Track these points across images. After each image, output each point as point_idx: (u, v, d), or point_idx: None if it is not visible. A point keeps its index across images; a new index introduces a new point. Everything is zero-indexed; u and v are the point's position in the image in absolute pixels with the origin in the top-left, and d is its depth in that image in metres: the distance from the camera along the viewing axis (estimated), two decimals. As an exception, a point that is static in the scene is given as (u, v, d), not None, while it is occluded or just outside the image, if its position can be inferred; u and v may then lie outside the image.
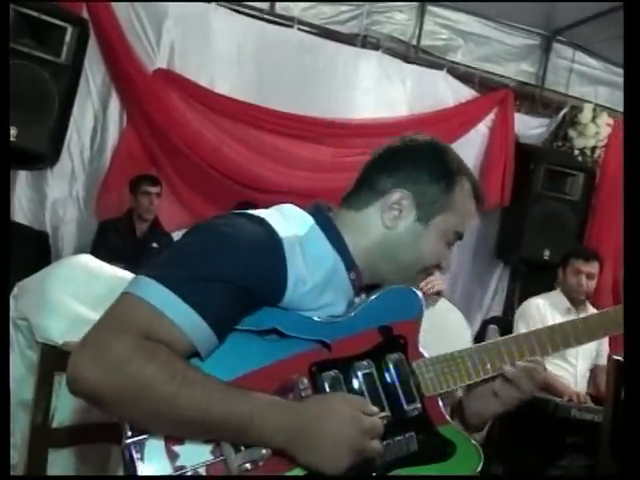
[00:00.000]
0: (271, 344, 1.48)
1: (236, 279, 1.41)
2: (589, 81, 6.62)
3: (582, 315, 4.84)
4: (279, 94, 5.51)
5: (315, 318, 1.54)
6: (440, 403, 1.63)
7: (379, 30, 6.01)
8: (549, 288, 5.08)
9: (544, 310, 4.85)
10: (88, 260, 2.87)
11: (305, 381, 1.47)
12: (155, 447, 1.36)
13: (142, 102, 5.28)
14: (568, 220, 6.08)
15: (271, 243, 1.47)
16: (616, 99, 6.38)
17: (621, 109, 5.94)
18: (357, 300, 1.66)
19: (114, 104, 5.35)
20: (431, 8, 6.12)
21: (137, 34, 5.29)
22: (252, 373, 1.44)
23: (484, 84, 6.25)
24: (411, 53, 6.09)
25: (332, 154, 5.66)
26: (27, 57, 4.58)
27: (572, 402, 4.42)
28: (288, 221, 1.56)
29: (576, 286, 4.82)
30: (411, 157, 1.69)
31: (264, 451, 1.39)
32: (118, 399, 1.31)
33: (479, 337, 4.80)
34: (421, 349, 1.65)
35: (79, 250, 4.94)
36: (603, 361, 4.77)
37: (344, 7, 5.89)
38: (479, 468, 1.60)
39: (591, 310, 5.04)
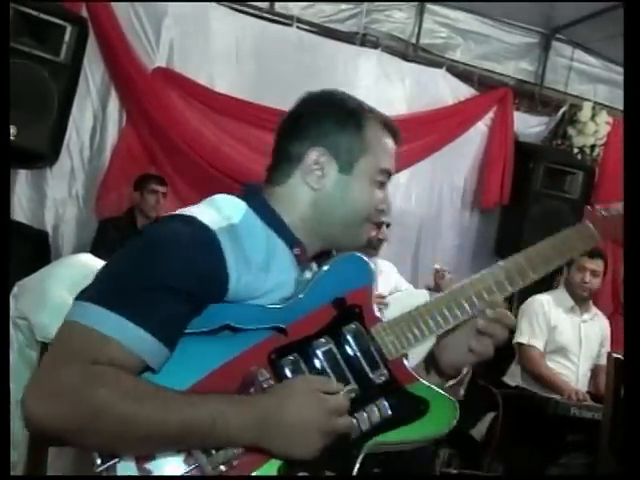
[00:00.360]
0: (226, 341, 1.46)
1: (175, 284, 1.39)
2: (588, 79, 6.62)
3: (585, 315, 4.92)
4: (278, 92, 5.50)
5: (266, 305, 1.52)
6: (406, 363, 1.61)
7: (378, 28, 6.01)
8: (548, 287, 5.09)
9: (548, 307, 4.87)
10: (88, 259, 2.86)
11: (264, 372, 1.46)
12: (127, 469, 1.37)
13: (141, 101, 5.28)
14: (567, 218, 6.06)
15: (204, 239, 1.45)
16: (615, 97, 6.39)
17: (620, 107, 5.94)
18: (307, 274, 1.64)
19: (113, 103, 5.35)
20: (430, 6, 6.12)
21: (136, 33, 5.29)
22: (211, 375, 1.43)
23: (483, 82, 6.26)
24: (410, 51, 6.09)
25: (332, 152, 5.65)
26: (26, 56, 4.58)
27: (572, 400, 4.42)
28: (221, 212, 1.54)
29: (580, 283, 4.83)
30: (313, 113, 1.67)
31: (235, 450, 1.39)
32: (77, 429, 1.31)
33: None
34: (377, 313, 1.62)
35: (79, 249, 4.94)
36: (604, 361, 4.78)
37: (343, 5, 5.89)
38: (455, 419, 1.58)
39: (594, 309, 5.05)
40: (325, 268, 1.60)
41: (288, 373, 1.48)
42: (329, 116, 1.65)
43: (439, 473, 4.44)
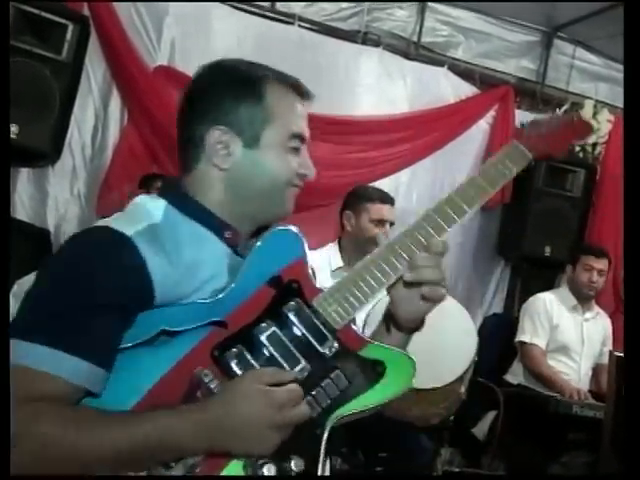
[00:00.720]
0: (165, 348, 1.40)
1: (96, 300, 1.35)
2: (590, 77, 6.62)
3: (588, 313, 4.92)
4: (280, 91, 5.51)
5: (199, 301, 1.46)
6: (355, 328, 1.55)
7: (380, 27, 6.00)
8: (550, 285, 5.10)
9: (550, 306, 4.87)
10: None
11: (208, 372, 1.40)
12: None
13: (143, 99, 5.28)
14: (569, 217, 6.07)
15: (120, 247, 1.39)
16: (617, 95, 6.37)
17: (622, 105, 5.93)
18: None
19: (115, 101, 5.34)
20: (432, 5, 6.12)
21: (138, 31, 5.29)
22: (156, 386, 1.38)
23: (485, 81, 6.25)
24: (412, 50, 6.08)
25: (332, 151, 5.65)
26: (28, 55, 4.58)
27: (573, 399, 4.43)
28: (139, 214, 1.49)
29: (587, 282, 4.84)
30: (207, 91, 1.59)
31: (195, 458, 1.36)
32: (31, 469, 1.28)
33: (480, 334, 4.80)
34: (317, 284, 1.55)
35: (80, 247, 4.95)
36: (606, 360, 4.78)
37: (345, 4, 5.88)
38: (414, 371, 1.52)
39: (596, 308, 5.05)
40: (255, 249, 1.53)
41: (234, 367, 1.43)
42: (225, 91, 1.57)
43: (441, 472, 4.44)
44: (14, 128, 4.44)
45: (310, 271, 1.57)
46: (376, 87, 5.85)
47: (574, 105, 6.26)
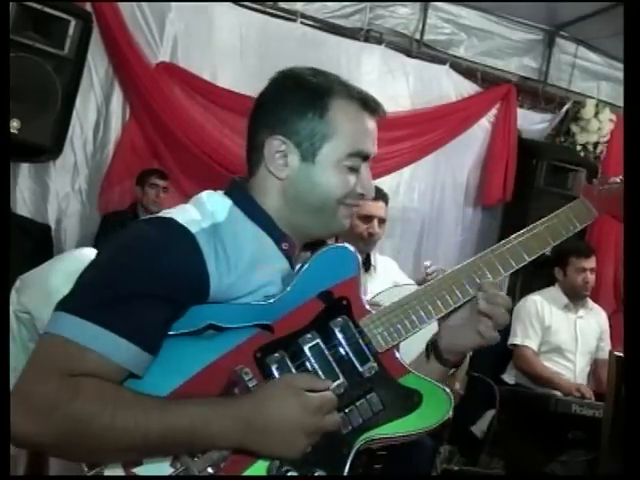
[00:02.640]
0: (210, 342, 1.43)
1: (152, 289, 1.37)
2: (592, 76, 6.62)
3: (581, 310, 4.89)
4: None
5: (250, 302, 1.48)
6: (397, 355, 1.56)
7: (382, 24, 6.01)
8: (551, 284, 5.08)
9: (541, 307, 4.85)
10: (90, 253, 2.85)
11: (248, 371, 1.42)
12: (114, 474, 1.35)
13: (145, 95, 5.28)
14: (570, 215, 6.07)
15: (182, 242, 1.41)
16: (618, 94, 6.38)
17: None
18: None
19: (117, 97, 5.35)
20: (434, 3, 6.12)
21: (140, 27, 5.30)
22: (196, 376, 1.40)
23: (487, 79, 6.25)
24: (414, 47, 6.09)
25: (335, 148, 5.65)
26: (30, 50, 4.58)
27: (574, 397, 4.43)
28: (203, 211, 1.50)
29: (583, 284, 4.83)
30: (274, 97, 1.58)
31: (222, 452, 1.37)
32: (59, 443, 1.30)
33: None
34: (367, 305, 1.57)
35: (81, 243, 4.96)
36: (603, 355, 4.78)
37: (347, 1, 5.89)
38: (451, 409, 1.53)
39: (590, 304, 5.04)
40: (310, 261, 1.55)
41: (274, 371, 1.45)
42: (290, 100, 1.54)
43: (440, 470, 4.44)
44: (16, 123, 4.44)
45: (362, 291, 1.58)
46: (378, 85, 5.84)
47: (576, 104, 6.29)
